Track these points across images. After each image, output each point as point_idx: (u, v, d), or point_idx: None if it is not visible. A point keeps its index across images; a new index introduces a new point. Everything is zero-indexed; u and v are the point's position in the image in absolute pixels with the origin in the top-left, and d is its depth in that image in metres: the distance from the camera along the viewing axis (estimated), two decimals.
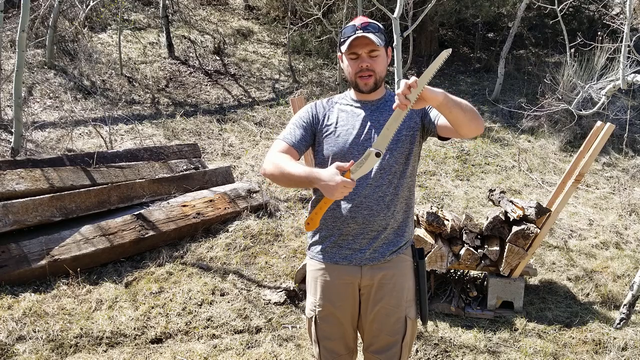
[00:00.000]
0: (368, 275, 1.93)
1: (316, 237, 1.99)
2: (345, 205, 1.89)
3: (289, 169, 1.79)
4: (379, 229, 1.91)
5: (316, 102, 2.02)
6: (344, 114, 1.95)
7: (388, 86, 2.03)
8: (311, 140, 1.97)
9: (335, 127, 1.93)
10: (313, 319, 1.99)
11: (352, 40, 1.83)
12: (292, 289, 3.71)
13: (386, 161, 1.89)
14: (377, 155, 1.71)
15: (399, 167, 1.91)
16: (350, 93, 2.00)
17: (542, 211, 3.51)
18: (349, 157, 1.87)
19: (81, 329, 3.16)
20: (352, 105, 1.97)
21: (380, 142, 1.73)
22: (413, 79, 1.65)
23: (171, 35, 9.62)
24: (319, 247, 1.98)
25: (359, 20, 1.89)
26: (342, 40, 1.89)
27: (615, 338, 3.24)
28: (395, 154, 1.90)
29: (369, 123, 1.92)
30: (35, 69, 7.80)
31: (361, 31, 1.83)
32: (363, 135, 1.90)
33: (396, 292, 1.95)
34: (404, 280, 1.98)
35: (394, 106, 1.69)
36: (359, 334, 2.08)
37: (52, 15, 8.03)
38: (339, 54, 1.97)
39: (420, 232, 3.55)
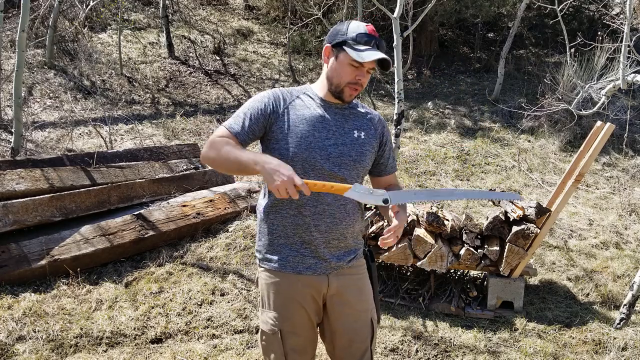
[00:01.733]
0: (334, 284, 1.89)
1: (273, 246, 1.89)
2: (307, 213, 1.82)
3: (232, 151, 1.70)
4: (340, 237, 1.88)
5: (275, 93, 1.87)
6: (306, 111, 1.85)
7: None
8: (260, 133, 1.83)
9: (297, 125, 1.82)
10: (278, 334, 1.88)
11: (376, 60, 1.76)
12: None
13: (349, 172, 1.86)
14: (385, 202, 1.72)
15: (359, 180, 1.92)
16: (316, 90, 1.91)
17: (542, 211, 3.51)
18: (307, 157, 1.80)
19: (81, 329, 3.16)
20: (316, 103, 1.88)
21: (397, 198, 1.75)
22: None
23: (171, 35, 9.62)
24: (277, 257, 1.88)
25: (372, 30, 1.80)
26: (353, 43, 1.77)
27: (615, 338, 3.24)
28: (359, 166, 1.89)
29: (332, 127, 1.86)
30: (35, 69, 7.80)
31: (378, 50, 1.78)
32: (324, 138, 1.84)
33: (363, 296, 1.95)
34: (365, 284, 1.97)
35: (382, 243, 1.79)
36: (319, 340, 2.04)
37: (52, 15, 8.04)
38: (329, 46, 1.83)
39: (420, 232, 3.55)
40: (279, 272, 1.88)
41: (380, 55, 1.75)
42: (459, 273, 3.97)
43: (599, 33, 6.73)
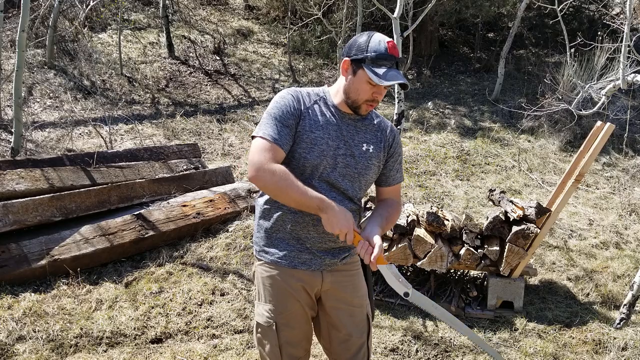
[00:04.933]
0: (328, 280, 1.92)
1: (271, 239, 1.91)
2: (308, 211, 1.82)
3: (296, 186, 1.71)
4: (335, 238, 1.89)
5: (296, 94, 1.85)
6: (322, 118, 1.85)
7: None
8: (294, 136, 1.81)
9: (312, 131, 1.82)
10: (273, 326, 1.91)
11: (391, 85, 1.75)
12: None
13: (351, 184, 1.88)
14: (405, 295, 1.84)
15: (359, 194, 1.94)
16: (332, 96, 1.90)
17: (542, 211, 3.50)
18: (317, 164, 1.82)
19: (81, 329, 3.16)
20: (331, 111, 1.88)
21: (416, 298, 1.88)
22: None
23: (171, 35, 9.62)
24: (274, 250, 1.90)
25: (393, 48, 1.77)
26: (372, 64, 1.75)
27: (615, 338, 3.24)
28: (362, 179, 1.90)
29: (344, 137, 1.87)
30: (35, 69, 7.80)
31: (398, 70, 1.77)
32: (335, 147, 1.85)
33: (357, 292, 1.98)
34: (359, 280, 2.00)
35: (370, 260, 1.76)
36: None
37: (52, 15, 8.03)
38: (348, 60, 1.81)
39: (420, 232, 3.55)
40: (274, 264, 1.91)
41: (399, 80, 1.75)
42: (459, 273, 3.97)
43: (599, 33, 6.74)
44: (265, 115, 1.81)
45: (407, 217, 3.62)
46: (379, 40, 1.77)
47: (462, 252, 3.53)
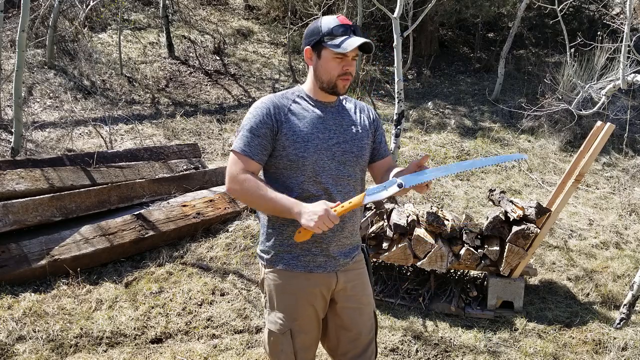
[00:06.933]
0: (342, 280, 1.94)
1: (284, 246, 1.90)
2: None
3: (265, 194, 1.76)
4: (348, 235, 1.93)
5: (272, 102, 1.87)
6: (306, 114, 1.87)
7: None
8: (271, 147, 1.84)
9: (302, 130, 1.84)
10: (288, 333, 1.90)
11: (357, 46, 1.77)
12: None
13: (352, 169, 1.91)
14: (400, 186, 1.78)
15: (362, 175, 1.97)
16: (307, 91, 1.93)
17: (542, 211, 3.50)
18: (316, 159, 1.84)
19: (81, 329, 3.16)
20: (312, 105, 1.90)
21: (410, 179, 1.79)
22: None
23: (171, 35, 9.62)
24: (289, 256, 1.89)
25: (344, 19, 1.82)
26: (330, 38, 1.80)
27: (615, 338, 3.24)
28: (360, 160, 1.94)
29: (332, 126, 1.90)
30: (35, 69, 7.80)
31: (358, 37, 1.79)
32: (327, 138, 1.87)
33: (366, 290, 2.01)
34: (365, 277, 2.04)
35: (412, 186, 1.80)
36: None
37: (52, 15, 8.03)
38: (309, 48, 1.85)
39: (420, 232, 3.55)
40: (289, 271, 1.90)
41: (361, 40, 1.78)
42: (459, 273, 3.97)
43: (599, 33, 6.73)
44: (240, 128, 1.86)
45: (407, 217, 3.62)
46: (328, 20, 1.84)
47: (462, 252, 3.53)
